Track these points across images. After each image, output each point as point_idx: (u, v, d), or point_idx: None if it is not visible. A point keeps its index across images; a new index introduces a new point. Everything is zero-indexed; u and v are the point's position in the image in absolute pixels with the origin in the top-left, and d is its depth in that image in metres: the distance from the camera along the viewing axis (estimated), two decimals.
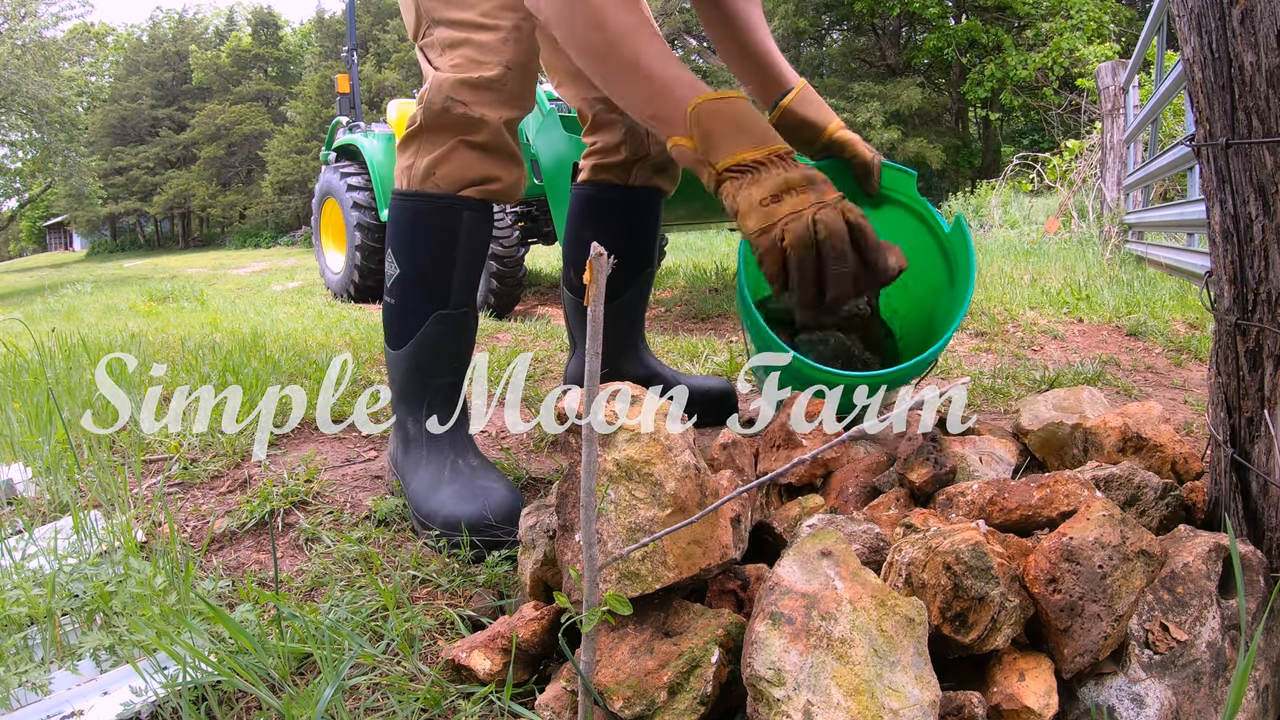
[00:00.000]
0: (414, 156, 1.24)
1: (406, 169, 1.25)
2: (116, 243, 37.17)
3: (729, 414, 1.73)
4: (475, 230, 1.26)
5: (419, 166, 1.23)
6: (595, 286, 0.59)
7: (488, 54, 1.20)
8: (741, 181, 1.05)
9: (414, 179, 1.24)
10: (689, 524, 0.71)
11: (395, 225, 1.27)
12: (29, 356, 2.11)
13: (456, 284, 1.26)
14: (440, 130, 1.21)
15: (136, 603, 0.95)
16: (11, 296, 11.83)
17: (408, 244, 1.26)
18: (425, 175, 1.22)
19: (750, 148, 1.05)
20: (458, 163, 1.22)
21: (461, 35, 1.21)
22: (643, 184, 1.60)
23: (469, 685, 0.86)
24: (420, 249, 1.25)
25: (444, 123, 1.20)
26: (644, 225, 1.66)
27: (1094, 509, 0.83)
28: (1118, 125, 5.63)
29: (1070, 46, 14.48)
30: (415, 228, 1.25)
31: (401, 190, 1.26)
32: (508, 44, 1.21)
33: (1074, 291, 3.52)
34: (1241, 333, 0.87)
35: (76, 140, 21.36)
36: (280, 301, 5.86)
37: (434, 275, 1.25)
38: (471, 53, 1.20)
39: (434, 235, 1.24)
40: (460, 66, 1.20)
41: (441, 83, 1.19)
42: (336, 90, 6.60)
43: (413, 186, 1.24)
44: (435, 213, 1.24)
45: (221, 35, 35.68)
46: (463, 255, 1.26)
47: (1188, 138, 0.96)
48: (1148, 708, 0.74)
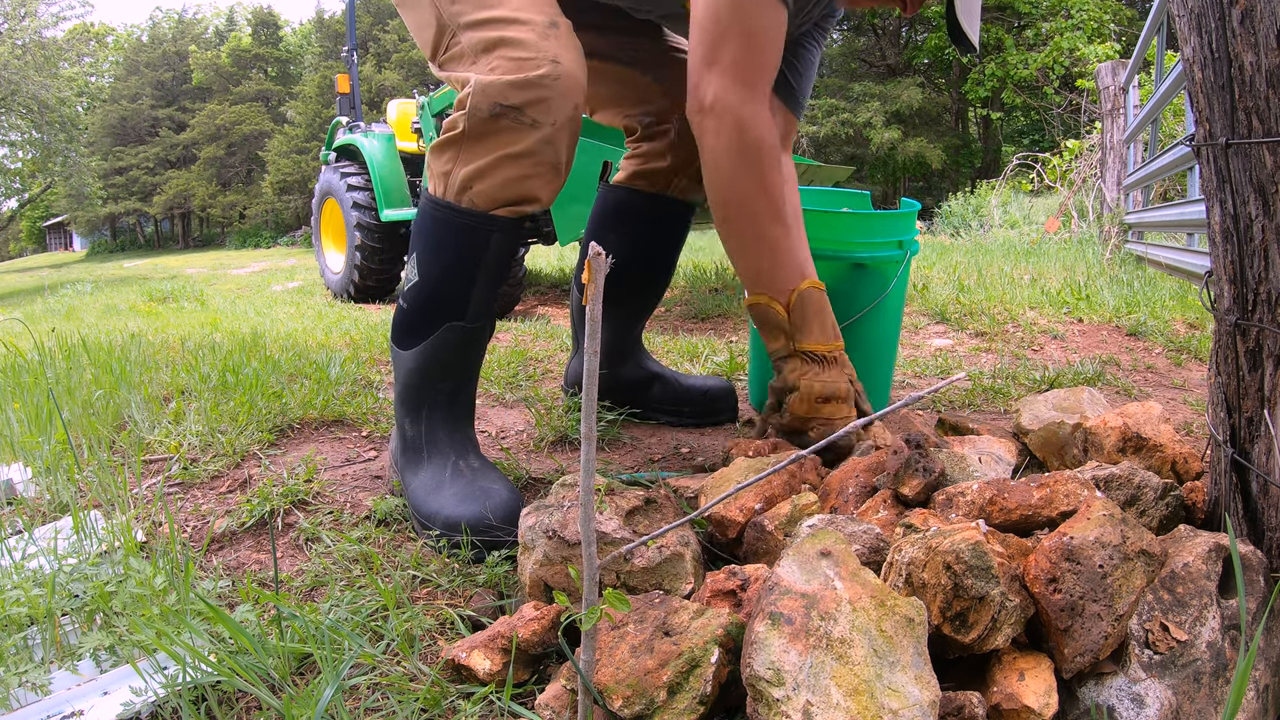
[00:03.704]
0: (452, 164, 1.17)
1: (444, 175, 1.19)
2: (116, 243, 37.18)
3: (729, 414, 1.74)
4: (503, 249, 1.22)
5: (456, 177, 1.17)
6: (594, 285, 0.59)
7: (529, 50, 1.11)
8: (810, 370, 1.32)
9: (450, 190, 1.18)
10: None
11: (422, 232, 1.22)
12: (29, 356, 2.12)
13: (475, 299, 1.22)
14: (484, 138, 1.14)
15: (136, 603, 0.95)
16: (11, 296, 11.84)
17: (432, 254, 1.21)
18: (462, 188, 1.17)
19: (823, 341, 1.33)
20: (497, 180, 1.15)
21: (494, 34, 1.13)
22: (680, 195, 1.59)
23: (469, 685, 0.86)
24: (444, 262, 1.21)
25: (491, 129, 1.13)
26: (671, 237, 1.64)
27: (1094, 509, 0.83)
28: (1118, 125, 5.63)
29: (1071, 46, 14.48)
30: (443, 240, 1.20)
31: (435, 198, 1.21)
32: (549, 39, 1.13)
33: (1074, 291, 3.52)
34: (1241, 333, 0.87)
35: (76, 140, 21.38)
36: (280, 301, 5.86)
37: (453, 289, 1.21)
38: (511, 51, 1.12)
39: (459, 251, 1.19)
40: (500, 69, 1.12)
41: (487, 87, 1.11)
42: (336, 90, 6.61)
43: (447, 197, 1.19)
44: (465, 230, 1.18)
45: (221, 35, 35.67)
46: (486, 272, 1.21)
47: (1188, 138, 0.96)
48: (1148, 708, 0.74)
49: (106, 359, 2.08)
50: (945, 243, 7.46)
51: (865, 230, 1.62)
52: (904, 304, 1.79)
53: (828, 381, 1.31)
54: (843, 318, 1.63)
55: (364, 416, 1.69)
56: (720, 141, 1.26)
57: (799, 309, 1.32)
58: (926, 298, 3.41)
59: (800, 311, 1.32)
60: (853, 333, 1.65)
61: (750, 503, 1.09)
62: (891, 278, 1.64)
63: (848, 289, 1.63)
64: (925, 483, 1.00)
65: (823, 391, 1.31)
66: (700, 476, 1.36)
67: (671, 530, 0.93)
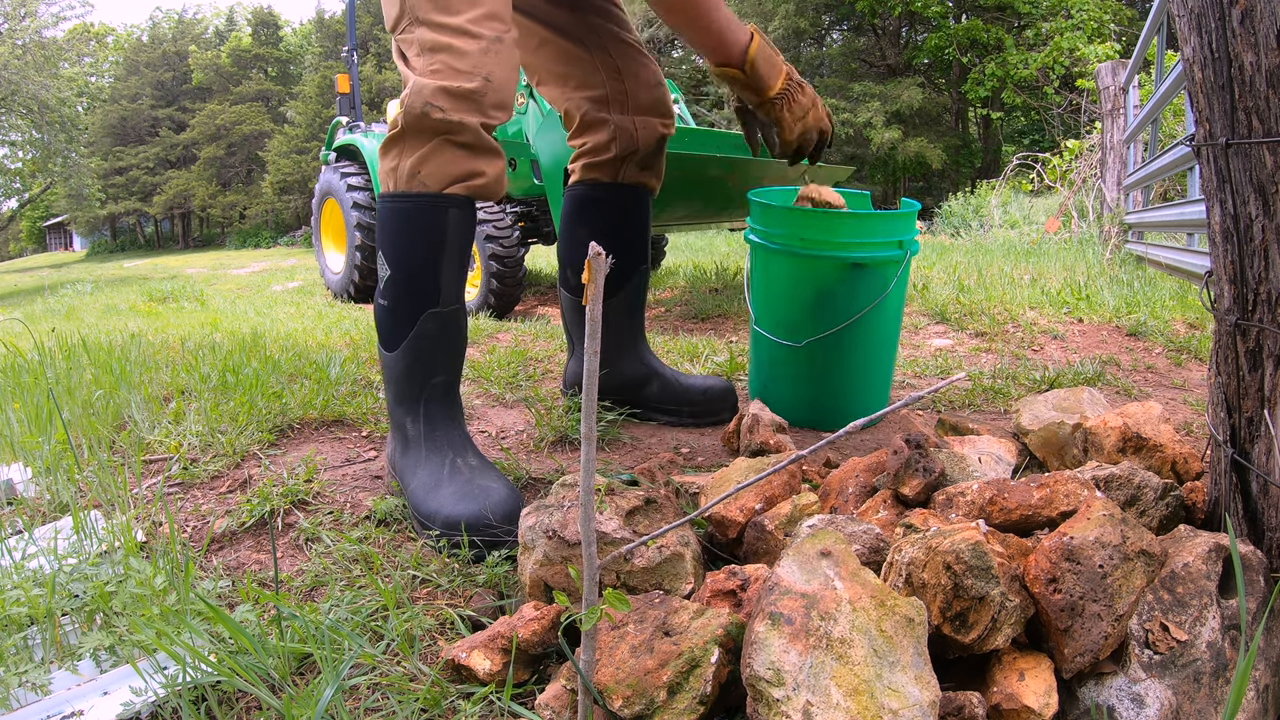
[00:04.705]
0: (398, 158, 1.25)
1: (391, 171, 1.26)
2: (116, 243, 37.16)
3: (729, 414, 1.73)
4: (461, 227, 1.28)
5: (404, 168, 1.24)
6: (593, 286, 0.59)
7: (467, 63, 1.21)
8: (782, 104, 1.58)
9: (400, 180, 1.25)
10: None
11: (384, 227, 1.28)
12: (29, 356, 2.12)
13: (446, 281, 1.28)
14: (421, 132, 1.22)
15: (136, 603, 0.95)
16: (11, 296, 11.84)
17: (397, 245, 1.27)
18: (410, 175, 1.23)
19: (778, 79, 1.57)
20: (442, 160, 1.23)
21: (444, 40, 1.22)
22: (631, 181, 1.62)
23: (469, 685, 0.86)
24: (409, 249, 1.26)
25: (424, 126, 1.21)
26: (635, 223, 1.68)
27: (1094, 509, 0.83)
28: (1118, 125, 5.63)
29: (1071, 46, 14.48)
30: (404, 228, 1.26)
31: (388, 192, 1.27)
32: (488, 55, 1.22)
33: (1074, 291, 3.52)
34: (1241, 333, 0.87)
35: (76, 141, 21.38)
36: (280, 301, 5.86)
37: (424, 274, 1.27)
38: (451, 60, 1.21)
39: (422, 235, 1.26)
40: (440, 73, 1.21)
41: (421, 88, 1.20)
42: (336, 90, 6.60)
43: (399, 188, 1.25)
44: (422, 212, 1.25)
45: (221, 35, 35.67)
46: (450, 252, 1.27)
47: (1188, 138, 0.96)
48: (1148, 708, 0.74)
49: (106, 359, 2.08)
50: (945, 243, 7.46)
51: (865, 230, 1.63)
52: (904, 304, 1.80)
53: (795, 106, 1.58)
54: (842, 318, 1.63)
55: (364, 416, 1.69)
56: None
57: (753, 69, 1.54)
58: (926, 298, 3.41)
59: (755, 70, 1.54)
60: (853, 333, 1.65)
61: (750, 503, 1.09)
62: (891, 278, 1.64)
63: (847, 289, 1.63)
64: (925, 483, 1.00)
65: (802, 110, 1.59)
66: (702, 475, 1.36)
67: (671, 530, 0.93)
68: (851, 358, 1.68)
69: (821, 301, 1.65)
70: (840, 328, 1.64)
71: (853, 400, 1.71)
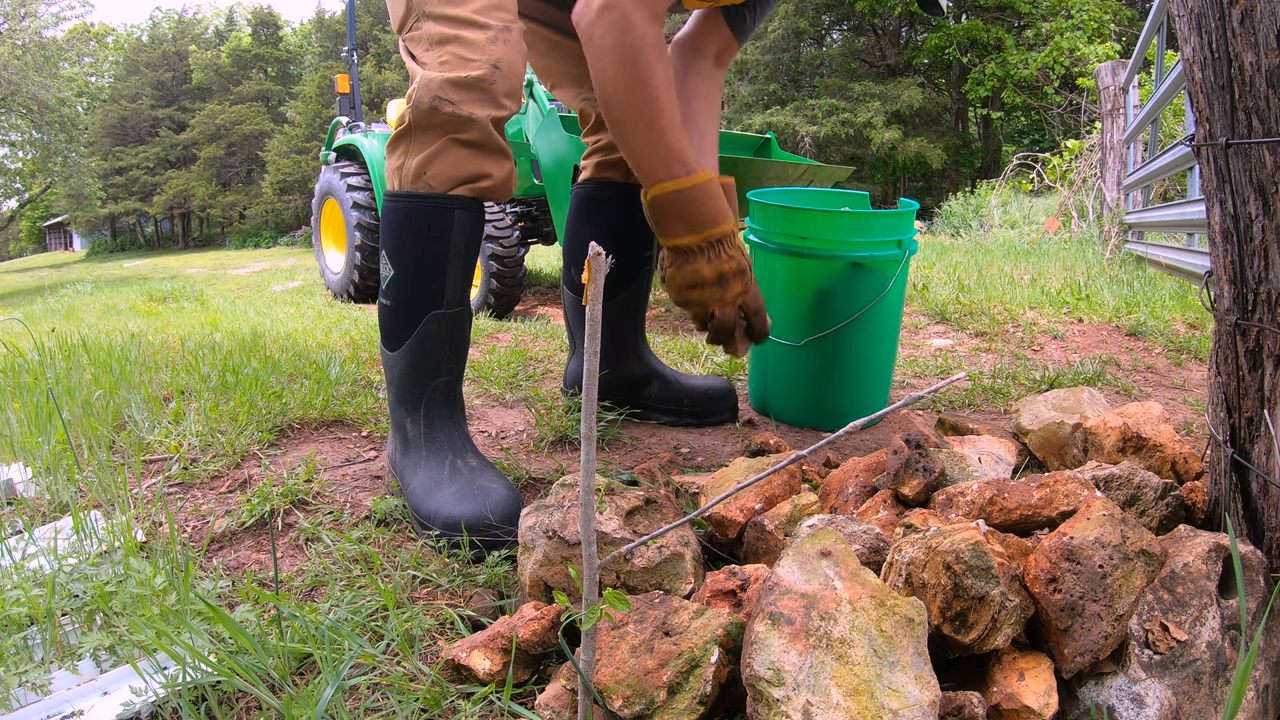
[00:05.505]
0: (404, 157, 1.24)
1: (397, 170, 1.25)
2: (116, 243, 37.16)
3: (729, 414, 1.74)
4: (468, 229, 1.27)
5: (409, 167, 1.23)
6: (594, 285, 0.59)
7: (475, 52, 1.20)
8: (674, 261, 1.39)
9: (405, 179, 1.24)
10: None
11: (388, 226, 1.27)
12: (29, 356, 2.11)
13: (450, 283, 1.27)
14: (429, 129, 1.21)
15: (136, 603, 0.95)
16: (11, 296, 11.83)
17: (401, 245, 1.26)
18: (416, 175, 1.23)
19: (688, 234, 1.35)
20: (449, 160, 1.22)
21: (451, 31, 1.21)
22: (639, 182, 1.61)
23: (469, 685, 0.86)
24: (414, 249, 1.25)
25: (433, 122, 1.20)
26: (643, 223, 1.67)
27: (1094, 509, 0.83)
28: (1118, 125, 5.63)
29: (1071, 46, 14.48)
30: (408, 228, 1.25)
31: (393, 191, 1.26)
32: (496, 43, 1.22)
33: (1074, 291, 3.52)
34: (1241, 333, 0.87)
35: (76, 140, 21.36)
36: (280, 301, 5.86)
37: (428, 275, 1.26)
38: (460, 50, 1.20)
39: (427, 235, 1.24)
40: (448, 64, 1.20)
41: (429, 82, 1.19)
42: (336, 90, 6.60)
43: (404, 187, 1.24)
44: (427, 213, 1.24)
45: (221, 35, 35.68)
46: (456, 255, 1.26)
47: (1188, 138, 0.96)
48: (1148, 708, 0.74)
49: (106, 359, 2.08)
50: (945, 243, 7.46)
51: (863, 230, 1.63)
52: (903, 304, 1.79)
53: (688, 272, 1.38)
54: (842, 317, 1.63)
55: (364, 416, 1.69)
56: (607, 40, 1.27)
57: (651, 213, 1.37)
58: (926, 298, 3.41)
59: (653, 215, 1.37)
60: (852, 332, 1.65)
61: (750, 503, 1.09)
62: (890, 277, 1.64)
63: (846, 289, 1.63)
64: (925, 483, 1.00)
65: (685, 281, 1.39)
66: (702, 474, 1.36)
67: (671, 530, 0.93)
68: (851, 357, 1.68)
69: (821, 301, 1.65)
70: (839, 327, 1.64)
71: (852, 400, 1.71)
